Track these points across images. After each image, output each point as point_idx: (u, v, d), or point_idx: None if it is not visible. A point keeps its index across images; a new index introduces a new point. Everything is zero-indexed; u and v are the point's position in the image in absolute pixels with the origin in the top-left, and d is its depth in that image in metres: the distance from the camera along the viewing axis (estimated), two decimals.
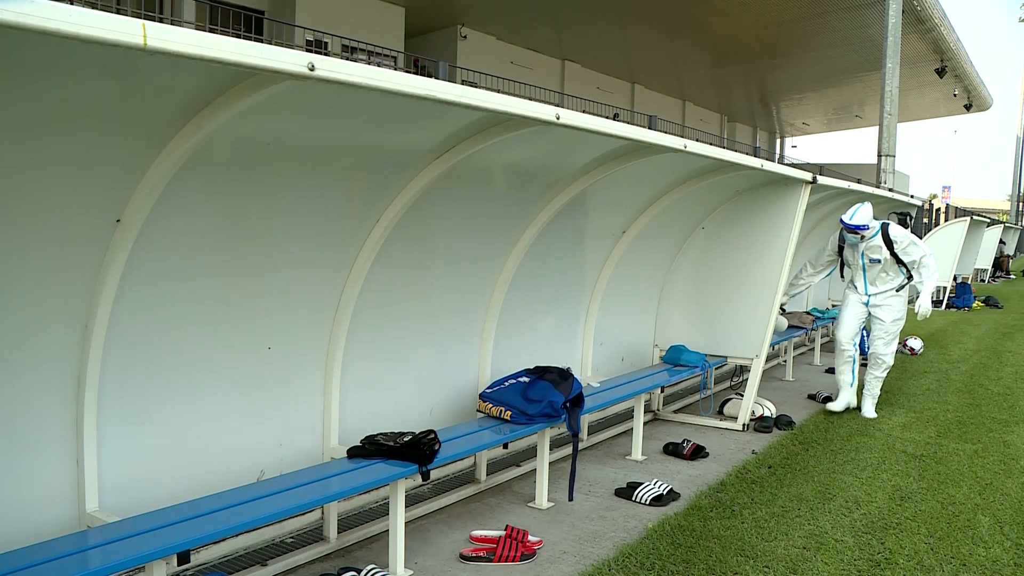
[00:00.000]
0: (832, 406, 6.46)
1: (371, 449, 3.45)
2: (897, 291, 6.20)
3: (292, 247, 3.41)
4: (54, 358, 2.71)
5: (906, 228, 6.65)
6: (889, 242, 6.04)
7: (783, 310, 6.72)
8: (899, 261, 6.08)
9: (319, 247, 3.53)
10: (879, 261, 6.10)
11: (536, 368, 4.32)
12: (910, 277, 6.16)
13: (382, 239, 3.62)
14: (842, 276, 6.51)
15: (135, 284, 2.82)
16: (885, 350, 6.33)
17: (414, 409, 4.21)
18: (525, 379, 4.20)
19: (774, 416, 6.05)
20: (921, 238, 15.14)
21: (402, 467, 3.31)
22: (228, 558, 3.35)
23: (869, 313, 6.37)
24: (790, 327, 8.00)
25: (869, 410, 6.34)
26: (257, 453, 3.46)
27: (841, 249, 6.37)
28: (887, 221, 6.21)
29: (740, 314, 6.01)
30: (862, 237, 6.01)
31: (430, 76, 5.14)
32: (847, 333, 6.40)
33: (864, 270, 6.23)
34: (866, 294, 6.26)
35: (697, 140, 4.63)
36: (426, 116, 3.19)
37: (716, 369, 6.29)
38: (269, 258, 3.34)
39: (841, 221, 6.00)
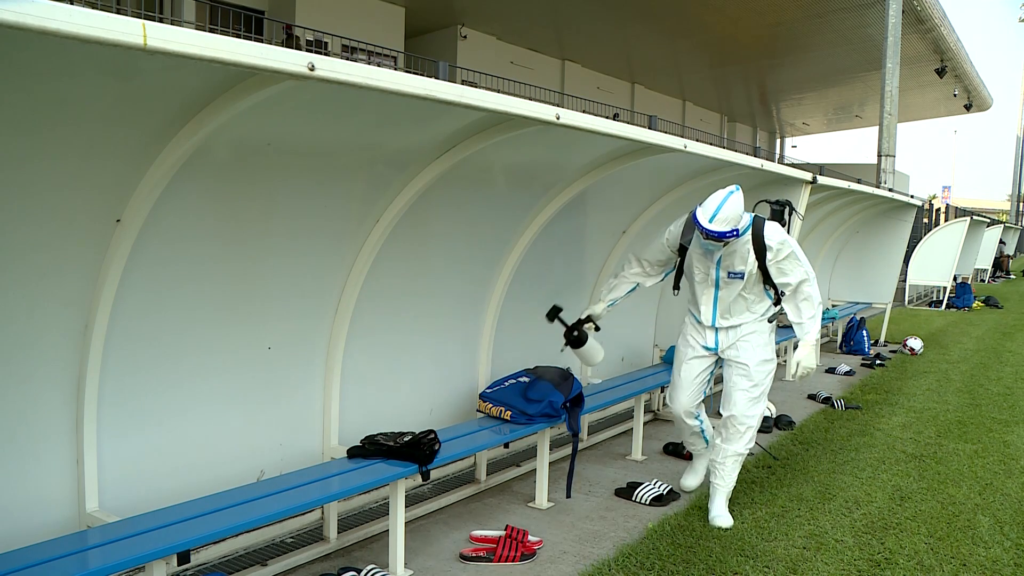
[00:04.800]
0: (686, 482, 4.48)
1: (371, 449, 3.45)
2: (770, 320, 4.08)
3: (292, 247, 3.41)
4: (54, 358, 2.71)
5: (785, 225, 4.44)
6: (761, 248, 3.84)
7: (592, 325, 4.24)
8: (769, 279, 3.94)
9: (319, 247, 3.53)
10: (740, 276, 3.90)
11: (536, 368, 4.33)
12: (779, 301, 4.03)
13: (382, 239, 3.62)
14: (675, 289, 4.23)
15: (135, 284, 2.82)
16: (749, 410, 3.97)
17: (414, 409, 4.21)
18: (525, 379, 4.21)
19: (774, 416, 6.05)
20: (920, 239, 15.31)
21: (402, 467, 3.31)
22: (228, 558, 3.36)
23: (719, 359, 4.13)
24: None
25: (721, 512, 3.99)
26: (257, 453, 3.46)
27: (683, 250, 4.03)
28: (760, 216, 3.98)
29: None
30: (726, 244, 3.83)
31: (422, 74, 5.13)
32: (685, 399, 4.16)
33: (716, 287, 3.98)
34: (712, 325, 4.05)
35: (697, 140, 4.62)
36: (426, 116, 3.19)
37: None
38: (269, 258, 3.34)
39: (695, 220, 3.73)
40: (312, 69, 2.03)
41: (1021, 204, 44.04)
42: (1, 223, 2.45)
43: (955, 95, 27.25)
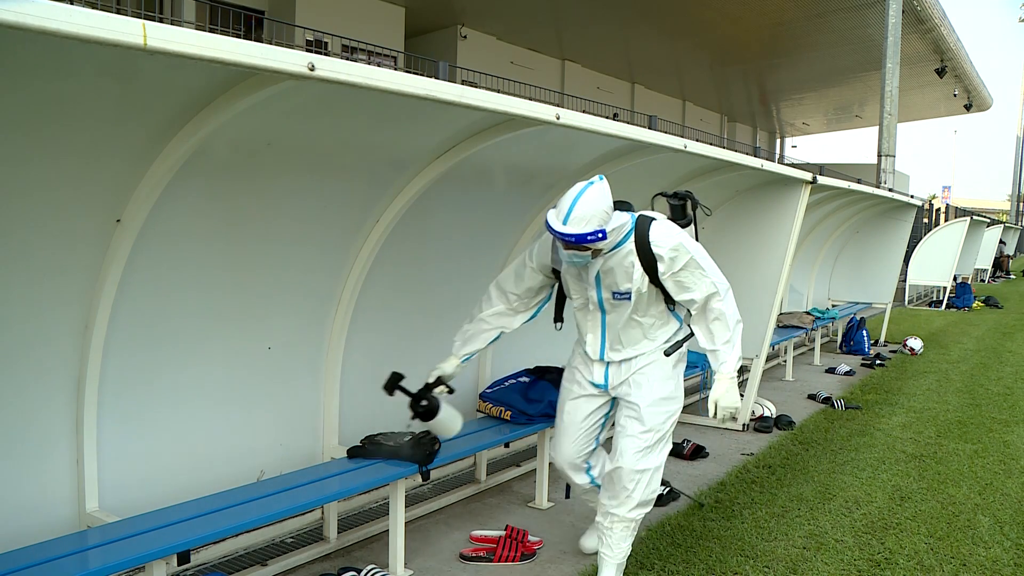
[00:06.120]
0: (584, 543, 3.62)
1: (371, 449, 3.45)
2: (667, 353, 3.16)
3: (292, 247, 3.41)
4: (55, 358, 2.71)
5: (689, 224, 3.43)
6: (650, 257, 2.97)
7: (443, 389, 3.32)
8: (670, 297, 3.07)
9: (319, 247, 3.53)
10: (627, 296, 3.03)
11: (536, 368, 4.32)
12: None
13: (382, 239, 3.62)
14: (557, 322, 3.39)
15: (135, 284, 2.82)
16: (639, 463, 3.10)
17: None
18: (525, 379, 4.20)
19: (774, 416, 6.05)
20: (920, 239, 15.31)
21: (402, 467, 3.31)
22: (228, 558, 3.36)
23: (613, 400, 3.28)
24: (790, 327, 8.01)
25: None
26: (257, 453, 3.46)
27: (558, 272, 3.19)
28: (647, 213, 3.12)
29: (740, 314, 5.99)
30: (593, 253, 2.92)
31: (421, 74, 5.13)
32: (570, 448, 3.32)
33: (602, 312, 3.13)
34: (601, 357, 3.19)
35: (697, 140, 4.63)
36: (426, 116, 3.19)
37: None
38: (269, 258, 3.33)
39: (547, 225, 2.83)
40: (312, 69, 2.03)
41: (1021, 204, 44.05)
42: (1, 223, 2.45)
43: (955, 95, 27.27)
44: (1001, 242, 25.32)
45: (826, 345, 9.85)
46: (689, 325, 3.20)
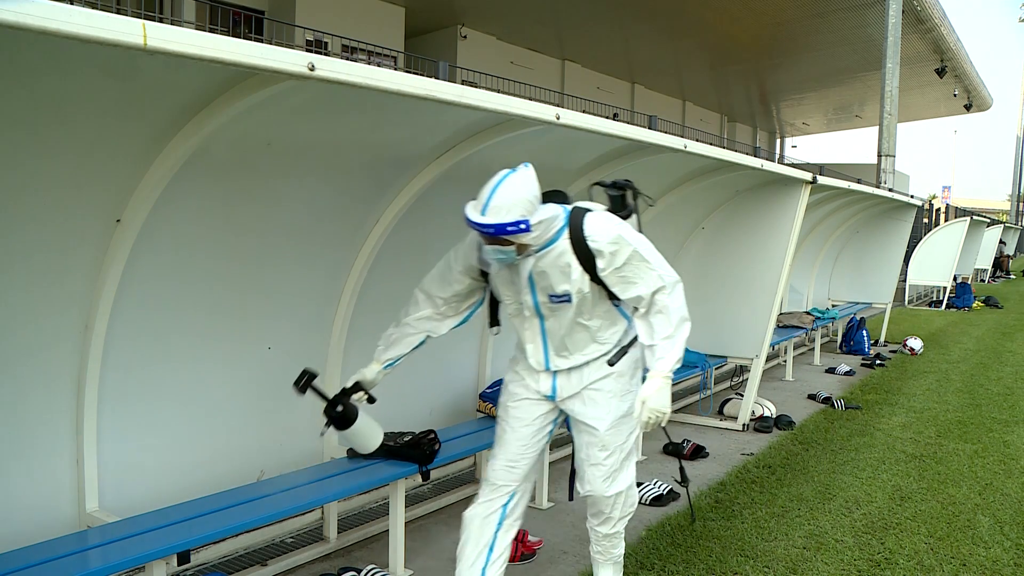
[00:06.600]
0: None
1: None
2: (611, 363, 2.83)
3: (292, 247, 3.41)
4: (55, 358, 2.71)
5: (632, 215, 3.02)
6: (586, 253, 2.64)
7: (363, 395, 3.04)
8: (614, 295, 2.74)
9: (319, 247, 3.53)
10: (567, 299, 2.70)
11: None
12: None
13: (382, 239, 3.62)
14: (493, 327, 3.08)
15: (135, 284, 2.82)
16: (609, 488, 2.87)
17: (414, 409, 4.20)
18: None
19: (774, 416, 6.05)
20: (920, 239, 15.31)
21: (402, 467, 3.31)
22: (228, 558, 3.36)
23: (561, 414, 2.94)
24: (790, 327, 8.01)
25: None
26: (257, 453, 3.46)
27: (487, 275, 2.85)
28: (583, 204, 2.79)
29: (740, 314, 6.00)
30: (518, 249, 2.59)
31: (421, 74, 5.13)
32: (514, 450, 2.87)
33: (540, 318, 2.79)
34: (547, 368, 2.84)
35: (697, 140, 4.63)
36: (426, 116, 3.19)
37: (716, 369, 6.29)
38: (269, 258, 3.34)
39: (465, 218, 2.57)
40: (312, 69, 2.03)
41: (1021, 204, 44.06)
42: (1, 223, 2.45)
43: (955, 95, 27.27)
44: (1001, 242, 25.33)
45: (826, 345, 9.85)
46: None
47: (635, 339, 2.88)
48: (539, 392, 2.89)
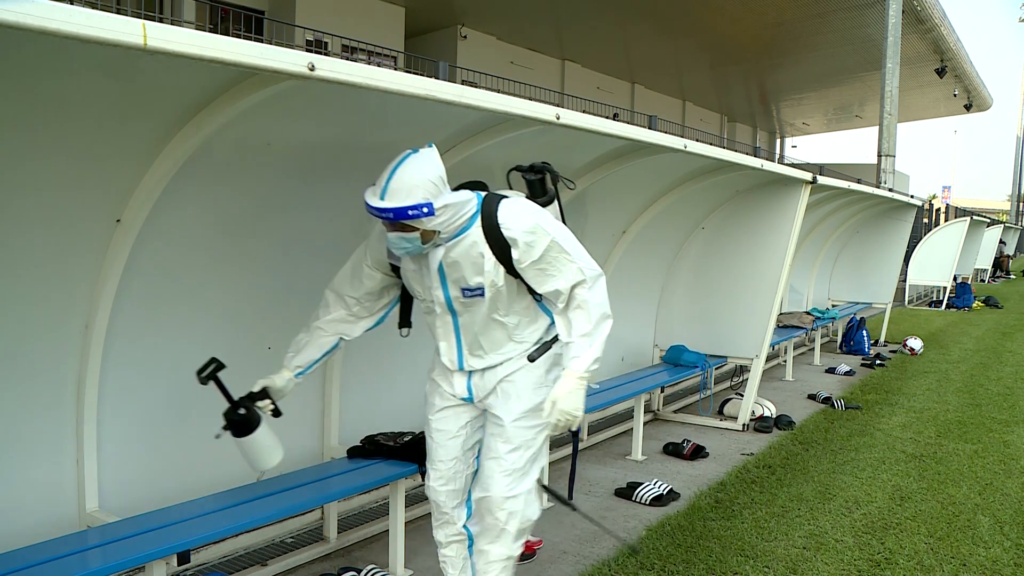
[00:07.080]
0: None
1: (371, 449, 3.45)
2: (531, 359, 2.68)
3: (292, 246, 3.41)
4: (55, 358, 2.71)
5: (552, 202, 2.82)
6: (501, 242, 2.48)
7: (268, 403, 2.78)
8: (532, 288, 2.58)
9: (319, 246, 3.52)
10: (480, 293, 2.55)
11: None
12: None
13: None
14: (402, 328, 2.92)
15: (135, 284, 2.82)
16: (510, 489, 2.64)
17: (414, 409, 4.19)
18: None
19: (774, 416, 6.05)
20: (920, 239, 15.30)
21: (402, 467, 3.31)
22: (228, 558, 3.36)
23: (483, 414, 2.77)
24: (790, 327, 8.01)
25: None
26: None
27: (398, 268, 2.71)
28: (499, 191, 2.63)
29: (740, 314, 6.00)
30: (424, 236, 2.44)
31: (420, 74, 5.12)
32: (442, 487, 2.78)
33: (453, 314, 2.64)
34: (460, 367, 2.71)
35: (697, 140, 4.63)
36: (426, 116, 3.19)
37: (716, 369, 6.29)
38: (269, 257, 3.33)
39: (365, 204, 2.41)
40: (312, 69, 2.03)
41: (1021, 204, 44.06)
42: (1, 224, 2.45)
43: (955, 95, 27.28)
44: (1001, 242, 25.33)
45: (826, 345, 9.85)
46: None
47: (551, 340, 2.72)
48: (455, 395, 2.75)
